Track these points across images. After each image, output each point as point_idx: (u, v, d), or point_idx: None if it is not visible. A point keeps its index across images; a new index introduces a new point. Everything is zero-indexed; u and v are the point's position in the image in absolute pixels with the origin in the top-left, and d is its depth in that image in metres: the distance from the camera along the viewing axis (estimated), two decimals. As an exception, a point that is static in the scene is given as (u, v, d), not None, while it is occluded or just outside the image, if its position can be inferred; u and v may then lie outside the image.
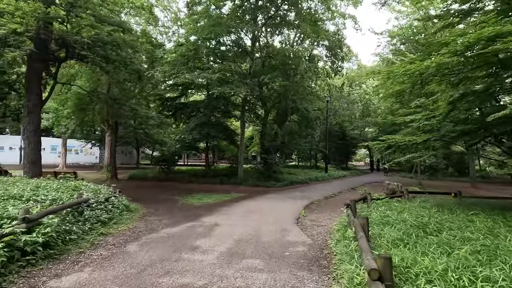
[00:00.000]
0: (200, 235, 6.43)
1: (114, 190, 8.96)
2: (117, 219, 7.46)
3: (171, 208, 9.81)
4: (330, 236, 6.43)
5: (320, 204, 11.55)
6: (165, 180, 19.41)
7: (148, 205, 10.18)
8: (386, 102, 25.32)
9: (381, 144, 8.99)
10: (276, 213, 9.21)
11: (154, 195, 12.78)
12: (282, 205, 10.84)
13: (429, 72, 5.78)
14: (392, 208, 6.94)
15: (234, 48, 18.60)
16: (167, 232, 6.67)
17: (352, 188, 17.14)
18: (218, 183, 17.54)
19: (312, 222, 8.17)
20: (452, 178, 26.23)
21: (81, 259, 4.86)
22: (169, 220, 8.02)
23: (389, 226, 5.45)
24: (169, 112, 21.49)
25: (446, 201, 8.48)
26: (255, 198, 12.39)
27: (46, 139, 34.34)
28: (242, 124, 18.39)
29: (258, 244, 5.90)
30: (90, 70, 17.38)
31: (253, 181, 17.14)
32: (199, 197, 12.36)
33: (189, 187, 16.36)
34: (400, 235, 4.76)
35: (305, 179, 19.74)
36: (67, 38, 10.07)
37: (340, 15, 20.22)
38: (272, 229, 7.10)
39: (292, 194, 14.05)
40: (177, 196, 12.61)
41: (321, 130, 29.58)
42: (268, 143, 18.86)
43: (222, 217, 8.37)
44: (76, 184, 8.34)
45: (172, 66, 15.46)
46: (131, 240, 6.07)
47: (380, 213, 6.60)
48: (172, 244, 5.80)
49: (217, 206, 10.27)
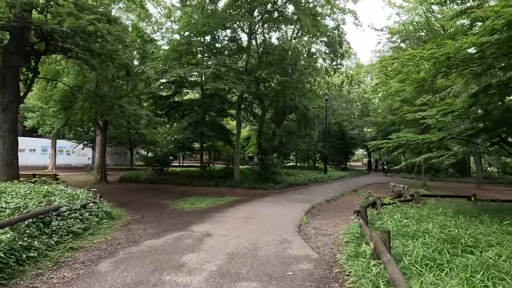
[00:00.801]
0: (188, 249, 5.53)
1: (94, 195, 8.02)
2: (94, 229, 6.52)
3: (159, 215, 8.89)
4: (339, 249, 5.55)
5: (322, 209, 10.67)
6: (158, 182, 18.46)
7: (134, 211, 9.26)
8: (387, 100, 24.60)
9: (390, 143, 8.14)
10: (275, 219, 8.32)
11: (143, 199, 11.84)
12: (281, 210, 9.95)
13: (458, 57, 4.92)
14: (408, 216, 6.08)
15: (229, 44, 17.72)
16: (150, 245, 5.75)
17: (353, 190, 16.30)
18: (213, 185, 16.62)
19: (316, 230, 7.29)
20: (454, 179, 25.50)
21: (36, 284, 3.93)
22: (154, 229, 7.10)
23: (411, 239, 4.59)
24: (162, 111, 20.55)
25: (464, 206, 7.65)
26: (251, 202, 11.48)
27: (36, 140, 33.32)
28: (238, 123, 17.49)
29: (256, 260, 5.01)
30: (77, 67, 16.46)
31: (250, 183, 16.24)
32: (191, 201, 11.45)
33: (182, 189, 15.44)
34: (429, 253, 3.89)
35: (304, 181, 18.88)
36: (43, 26, 9.11)
37: (340, 9, 19.37)
38: (271, 240, 6.21)
39: (291, 197, 13.17)
40: (167, 200, 11.68)
41: (320, 130, 28.76)
42: (265, 143, 17.97)
43: (214, 225, 7.46)
44: (49, 189, 7.38)
45: (163, 61, 14.53)
46: (105, 255, 5.15)
47: (395, 221, 5.74)
48: (153, 260, 4.89)
49: (210, 212, 9.35)
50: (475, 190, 18.24)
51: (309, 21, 14.00)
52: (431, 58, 5.12)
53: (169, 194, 13.33)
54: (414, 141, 7.40)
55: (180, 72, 12.45)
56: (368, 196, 11.89)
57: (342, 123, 32.27)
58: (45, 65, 15.72)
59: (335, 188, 17.00)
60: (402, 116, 18.69)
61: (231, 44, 17.75)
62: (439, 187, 18.02)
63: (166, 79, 18.77)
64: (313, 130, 23.09)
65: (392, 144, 8.00)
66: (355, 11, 19.41)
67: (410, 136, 7.54)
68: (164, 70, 13.45)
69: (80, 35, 9.73)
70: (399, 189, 12.17)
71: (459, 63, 5.28)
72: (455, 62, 5.18)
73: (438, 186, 18.58)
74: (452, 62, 5.18)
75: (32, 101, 20.44)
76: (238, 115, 17.30)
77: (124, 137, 32.03)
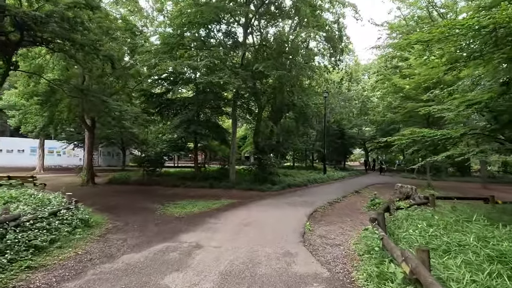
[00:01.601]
0: (172, 266, 4.59)
1: (69, 200, 7.04)
2: (64, 241, 5.55)
3: (145, 221, 7.93)
4: (354, 265, 4.65)
5: (325, 212, 9.77)
6: (149, 184, 17.43)
7: (117, 217, 8.29)
8: (387, 98, 23.80)
9: (403, 139, 7.27)
10: (275, 226, 7.41)
11: (131, 203, 10.85)
12: (281, 214, 9.03)
13: (508, 29, 4.00)
14: (432, 223, 5.19)
15: (224, 39, 16.78)
16: (128, 261, 4.81)
17: (356, 191, 15.42)
18: (207, 187, 15.65)
19: (322, 239, 6.38)
20: (454, 178, 24.83)
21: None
22: (137, 239, 6.15)
23: (447, 255, 3.70)
24: (154, 109, 19.52)
25: (487, 210, 6.79)
26: (248, 206, 10.55)
27: (25, 141, 32.01)
28: (234, 121, 16.54)
29: (255, 281, 4.09)
30: (63, 62, 15.43)
31: (247, 184, 15.29)
32: (183, 204, 10.49)
33: (174, 192, 14.46)
34: (480, 278, 3.00)
35: (303, 181, 17.96)
36: (13, 10, 8.10)
37: (340, 2, 18.52)
38: (272, 253, 5.29)
39: (291, 199, 12.25)
40: (157, 203, 10.71)
41: (319, 129, 27.92)
42: (262, 141, 17.05)
43: (206, 234, 6.52)
44: (13, 194, 6.39)
45: (154, 55, 13.54)
46: (69, 276, 4.20)
47: (419, 230, 4.85)
48: (127, 283, 3.95)
49: (202, 217, 8.41)
50: (481, 190, 17.56)
51: (309, 11, 13.10)
52: (475, 30, 4.18)
53: (159, 197, 12.36)
54: (431, 137, 6.53)
55: (170, 64, 11.49)
56: (374, 198, 11.04)
57: (341, 122, 31.42)
58: (28, 60, 14.70)
59: (336, 189, 16.13)
60: (405, 113, 17.95)
61: (226, 39, 16.82)
62: (443, 187, 17.25)
63: (157, 75, 17.81)
64: (312, 129, 22.19)
65: (405, 140, 7.13)
66: (355, 5, 18.59)
67: (427, 132, 6.67)
68: (154, 64, 12.44)
69: (56, 21, 8.71)
70: (407, 190, 11.33)
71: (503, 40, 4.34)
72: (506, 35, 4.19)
73: (442, 186, 17.80)
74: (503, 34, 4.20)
75: (14, 98, 19.30)
76: (234, 112, 16.36)
77: (116, 137, 30.97)
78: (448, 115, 6.69)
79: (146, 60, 13.20)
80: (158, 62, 12.25)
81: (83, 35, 10.18)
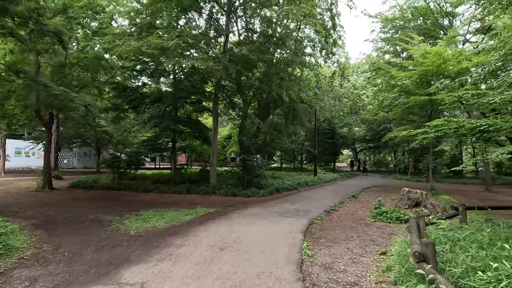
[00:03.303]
0: None
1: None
2: None
3: (85, 243, 5.84)
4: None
5: (324, 225, 7.91)
6: (119, 188, 15.21)
7: (50, 237, 6.17)
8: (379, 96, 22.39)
9: (430, 133, 5.50)
10: (262, 250, 5.47)
11: (81, 215, 8.66)
12: (269, 229, 7.09)
13: None
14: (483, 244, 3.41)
15: (208, 31, 14.75)
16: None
17: (352, 195, 13.68)
18: (184, 191, 13.60)
19: (328, 273, 4.48)
20: (451, 180, 23.59)
21: None
22: (53, 280, 4.09)
23: None
24: (128, 104, 17.25)
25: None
26: (229, 217, 8.57)
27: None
28: (215, 116, 14.50)
29: None
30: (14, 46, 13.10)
31: (229, 189, 13.29)
32: (147, 216, 8.42)
33: (145, 198, 12.36)
34: None
35: (293, 185, 16.12)
36: None
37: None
38: (256, 306, 3.36)
39: (281, 207, 10.34)
40: (114, 214, 8.61)
41: (308, 128, 26.25)
42: (248, 140, 15.11)
43: (162, 267, 4.51)
44: None
45: (118, 36, 11.43)
46: None
47: (475, 259, 3.05)
48: None
49: (165, 236, 6.39)
50: (486, 193, 16.24)
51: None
52: None
53: (123, 206, 10.24)
54: (475, 127, 4.78)
55: (135, 45, 9.40)
56: (379, 206, 9.30)
57: (333, 120, 29.87)
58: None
59: (331, 193, 14.37)
60: (405, 109, 16.41)
61: (209, 31, 14.77)
62: (446, 190, 15.77)
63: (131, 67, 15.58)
64: (303, 126, 20.39)
65: (434, 134, 5.36)
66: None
67: (468, 121, 4.93)
68: (116, 45, 10.30)
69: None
70: (417, 196, 9.69)
71: None
72: None
73: (445, 189, 16.32)
74: None
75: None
76: (215, 106, 14.33)
77: (91, 136, 28.48)
78: (495, 100, 4.95)
79: (108, 42, 11.04)
80: (121, 44, 10.12)
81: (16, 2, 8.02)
